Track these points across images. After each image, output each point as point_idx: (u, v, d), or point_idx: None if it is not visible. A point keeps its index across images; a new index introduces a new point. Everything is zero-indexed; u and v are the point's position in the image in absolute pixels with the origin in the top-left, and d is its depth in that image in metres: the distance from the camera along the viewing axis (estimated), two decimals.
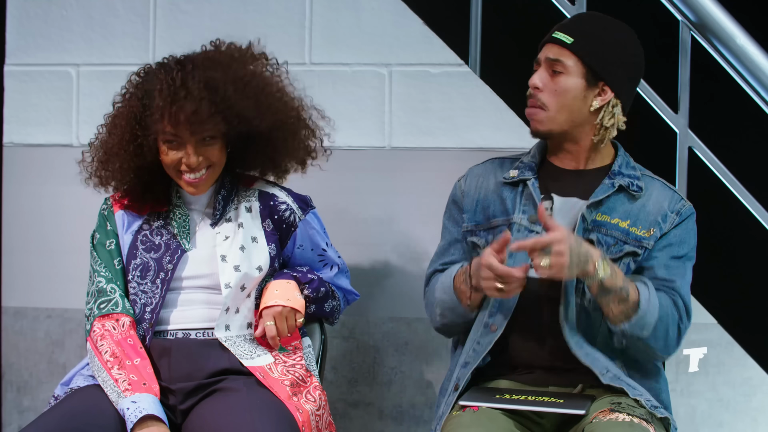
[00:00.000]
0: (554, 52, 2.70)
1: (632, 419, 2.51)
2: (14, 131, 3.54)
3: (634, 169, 2.76)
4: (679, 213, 2.73)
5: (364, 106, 3.41)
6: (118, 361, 2.68)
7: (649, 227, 2.70)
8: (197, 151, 2.73)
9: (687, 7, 3.28)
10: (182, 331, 2.78)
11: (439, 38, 3.41)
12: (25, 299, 3.53)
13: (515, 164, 2.80)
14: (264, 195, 2.88)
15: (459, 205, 2.83)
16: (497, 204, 2.77)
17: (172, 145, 2.73)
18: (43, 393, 3.51)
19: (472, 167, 2.86)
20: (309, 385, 2.76)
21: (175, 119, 2.67)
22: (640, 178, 2.74)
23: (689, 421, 3.25)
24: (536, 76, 2.72)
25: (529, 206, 2.73)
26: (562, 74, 2.70)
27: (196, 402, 2.72)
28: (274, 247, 2.85)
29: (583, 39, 2.71)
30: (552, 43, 2.72)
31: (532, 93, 2.71)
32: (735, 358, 3.27)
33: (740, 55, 3.26)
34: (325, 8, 3.44)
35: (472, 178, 2.84)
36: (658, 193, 2.74)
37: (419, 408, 3.39)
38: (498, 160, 2.85)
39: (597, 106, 2.71)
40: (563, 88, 2.70)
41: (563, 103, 2.70)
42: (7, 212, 3.54)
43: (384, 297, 3.36)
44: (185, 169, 2.75)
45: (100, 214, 2.88)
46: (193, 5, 3.48)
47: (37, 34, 3.53)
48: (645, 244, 2.70)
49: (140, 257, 2.80)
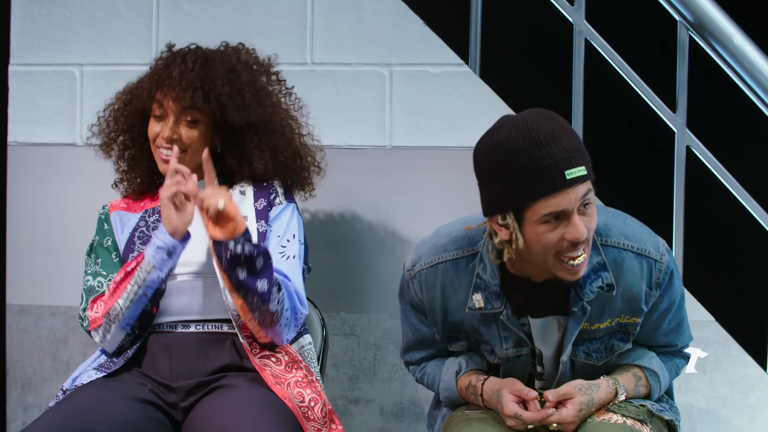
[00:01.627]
0: (582, 190, 2.35)
1: (625, 420, 2.52)
2: (18, 131, 3.55)
3: (597, 252, 2.50)
4: (659, 284, 2.54)
5: (365, 106, 3.42)
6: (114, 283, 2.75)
7: (632, 314, 2.55)
8: (175, 127, 2.80)
9: (685, 7, 3.27)
10: (182, 322, 2.80)
11: (440, 38, 3.40)
12: (29, 297, 3.53)
13: (472, 273, 2.54)
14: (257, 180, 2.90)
15: (422, 311, 2.64)
16: (472, 328, 2.60)
17: (157, 118, 2.82)
18: (47, 390, 3.52)
19: (421, 270, 2.59)
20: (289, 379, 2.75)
21: (162, 83, 2.78)
22: (606, 266, 2.50)
23: (687, 418, 3.24)
24: (581, 227, 2.34)
25: (509, 334, 2.56)
26: (591, 205, 2.39)
27: (198, 399, 2.73)
28: (263, 223, 2.84)
29: (584, 158, 2.39)
30: (572, 186, 2.33)
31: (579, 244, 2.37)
32: (732, 355, 3.27)
33: (738, 55, 3.25)
34: (326, 9, 3.44)
35: (427, 290, 2.59)
36: (631, 274, 2.52)
37: (420, 405, 3.40)
38: (449, 263, 2.57)
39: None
40: (595, 218, 2.41)
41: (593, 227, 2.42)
42: (12, 211, 3.55)
43: (384, 295, 3.36)
44: (160, 143, 2.81)
45: (98, 219, 2.93)
46: (196, 6, 3.49)
47: (41, 35, 3.54)
48: (632, 330, 2.58)
49: (137, 250, 2.83)
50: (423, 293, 2.61)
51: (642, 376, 2.61)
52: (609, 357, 2.62)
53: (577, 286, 2.50)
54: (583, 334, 2.57)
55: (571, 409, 2.51)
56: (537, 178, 2.33)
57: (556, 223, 2.36)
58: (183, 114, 2.81)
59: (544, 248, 2.38)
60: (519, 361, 2.62)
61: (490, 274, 2.53)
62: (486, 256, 2.53)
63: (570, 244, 2.37)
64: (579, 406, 2.51)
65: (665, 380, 2.64)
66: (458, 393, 2.66)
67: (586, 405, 2.52)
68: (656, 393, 2.63)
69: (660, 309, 2.60)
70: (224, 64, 2.84)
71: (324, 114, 3.38)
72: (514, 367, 2.63)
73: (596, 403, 2.54)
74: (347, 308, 3.28)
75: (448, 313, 2.61)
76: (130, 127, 2.90)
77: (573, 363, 2.62)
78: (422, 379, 2.77)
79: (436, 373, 2.71)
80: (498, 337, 2.58)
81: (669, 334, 2.66)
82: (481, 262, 2.54)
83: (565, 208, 2.34)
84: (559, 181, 2.32)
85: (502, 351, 2.59)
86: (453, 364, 2.67)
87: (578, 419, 2.52)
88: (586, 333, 2.57)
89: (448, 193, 3.30)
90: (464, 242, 2.58)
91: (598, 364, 2.62)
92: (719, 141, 3.33)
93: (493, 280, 2.52)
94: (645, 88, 3.32)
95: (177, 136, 2.80)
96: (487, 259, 2.53)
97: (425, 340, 2.70)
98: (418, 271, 2.60)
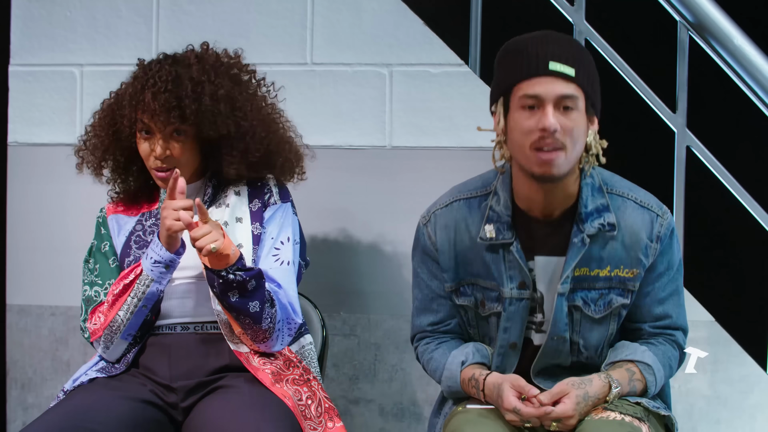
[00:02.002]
0: (562, 87, 2.44)
1: (623, 418, 2.51)
2: (19, 131, 3.55)
3: (601, 194, 2.59)
4: (659, 238, 2.59)
5: (365, 106, 3.42)
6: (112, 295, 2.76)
7: (631, 266, 2.59)
8: (165, 144, 2.78)
9: (685, 7, 3.27)
10: (181, 324, 2.80)
11: (440, 38, 3.40)
12: (29, 297, 3.54)
13: (484, 211, 2.62)
14: (252, 180, 2.90)
15: (434, 258, 2.68)
16: (480, 265, 2.63)
17: (145, 135, 2.81)
18: (47, 390, 3.52)
19: (436, 211, 2.67)
20: (287, 375, 2.75)
21: (141, 106, 2.76)
22: (609, 208, 2.57)
23: (687, 418, 3.25)
24: (550, 117, 2.43)
25: (514, 271, 2.60)
26: (573, 110, 2.46)
27: (198, 400, 2.73)
28: (259, 225, 2.84)
29: (581, 67, 2.48)
30: (552, 77, 2.45)
31: (549, 137, 2.44)
32: (732, 355, 3.27)
33: (738, 56, 3.25)
34: (326, 9, 3.44)
35: (441, 230, 2.66)
36: (633, 221, 2.58)
37: (420, 405, 3.40)
38: (463, 201, 2.65)
39: (590, 138, 2.54)
40: (578, 125, 2.47)
41: (577, 139, 2.48)
42: (12, 211, 3.55)
43: (385, 295, 3.36)
44: (155, 166, 2.80)
45: (96, 223, 2.93)
46: (196, 6, 3.49)
47: (41, 35, 3.54)
48: (630, 287, 2.60)
49: (133, 254, 2.83)
50: (436, 235, 2.66)
51: (636, 370, 2.61)
52: (607, 312, 2.61)
53: (579, 221, 2.55)
54: (583, 281, 2.59)
55: (569, 403, 2.51)
56: (522, 62, 2.46)
57: (533, 111, 2.46)
58: (167, 129, 2.79)
59: (520, 135, 2.47)
60: (520, 306, 2.61)
61: (503, 205, 2.59)
62: (500, 188, 2.60)
63: (541, 135, 2.44)
64: (576, 399, 2.51)
65: (660, 373, 2.62)
66: (460, 384, 2.66)
67: (582, 398, 2.52)
68: (652, 386, 2.61)
69: (657, 270, 2.62)
70: (191, 79, 2.79)
71: (324, 114, 3.38)
72: (515, 314, 2.62)
73: (591, 397, 2.54)
74: (347, 308, 3.28)
75: (459, 254, 2.64)
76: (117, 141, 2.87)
77: (571, 313, 2.61)
78: (428, 364, 2.74)
79: (441, 360, 2.70)
80: (504, 274, 2.61)
81: (665, 302, 2.65)
82: (495, 194, 2.61)
83: (540, 95, 2.44)
84: (542, 68, 2.44)
85: (506, 290, 2.60)
86: (460, 354, 2.67)
87: (577, 413, 2.52)
88: (586, 280, 2.59)
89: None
90: (478, 184, 2.67)
91: (596, 317, 2.62)
92: (719, 141, 3.33)
93: (506, 211, 2.59)
94: (645, 88, 3.32)
95: (169, 152, 2.79)
96: (501, 190, 2.60)
97: (434, 298, 2.70)
98: (433, 212, 2.68)
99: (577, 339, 2.64)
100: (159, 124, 2.77)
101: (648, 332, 2.67)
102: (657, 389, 2.64)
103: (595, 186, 2.58)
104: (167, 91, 2.75)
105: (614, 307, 2.63)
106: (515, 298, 2.62)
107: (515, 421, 2.53)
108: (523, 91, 2.46)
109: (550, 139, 2.45)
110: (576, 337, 2.64)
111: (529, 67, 2.46)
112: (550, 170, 2.47)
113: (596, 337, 2.64)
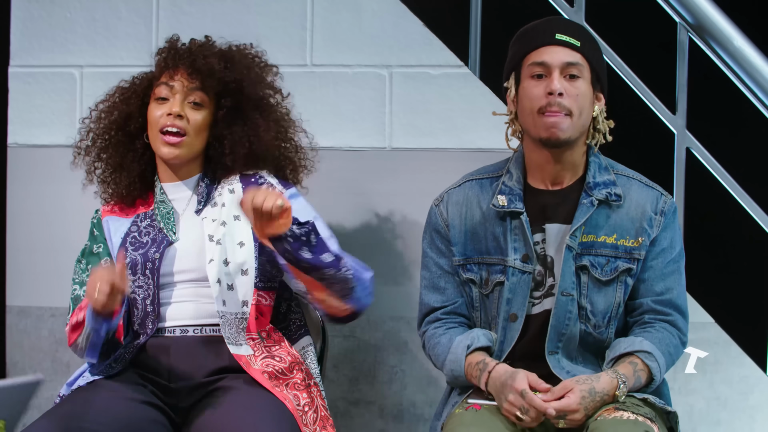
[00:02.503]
0: (568, 55, 2.64)
1: (637, 417, 2.52)
2: (18, 132, 3.55)
3: (608, 172, 2.72)
4: (663, 212, 2.70)
5: (365, 107, 3.42)
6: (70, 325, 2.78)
7: (636, 236, 2.68)
8: (183, 106, 2.81)
9: (685, 9, 3.27)
10: (180, 327, 2.79)
11: (439, 40, 3.40)
12: (29, 298, 3.53)
13: (497, 186, 2.74)
14: (246, 176, 2.90)
15: (444, 235, 2.77)
16: (489, 239, 2.73)
17: (162, 101, 2.83)
18: (46, 392, 3.48)
19: (449, 191, 2.80)
20: (289, 379, 2.75)
21: (168, 67, 2.83)
22: (616, 183, 2.70)
23: (687, 419, 3.25)
24: (556, 82, 2.63)
25: (519, 243, 2.69)
26: (579, 78, 2.65)
27: (197, 401, 2.73)
28: None
29: (587, 41, 2.68)
30: (559, 46, 2.65)
31: (555, 100, 2.62)
32: (732, 356, 3.27)
33: (738, 57, 3.26)
34: (326, 10, 3.44)
35: (453, 206, 2.77)
36: (638, 196, 2.71)
37: (420, 407, 3.40)
38: (475, 181, 2.78)
39: (597, 111, 2.71)
40: (583, 92, 2.65)
41: (583, 108, 2.65)
42: (12, 212, 3.55)
43: (385, 296, 3.35)
44: (166, 123, 2.80)
45: (90, 224, 2.93)
46: (196, 7, 3.49)
47: (41, 36, 3.54)
48: (636, 255, 2.68)
49: (129, 256, 2.83)
50: (448, 211, 2.77)
51: (638, 361, 2.62)
52: (614, 276, 2.67)
53: (588, 189, 2.67)
54: (590, 247, 2.67)
55: (573, 397, 2.53)
56: (532, 36, 2.68)
57: (540, 80, 2.64)
58: (190, 94, 2.83)
59: (529, 102, 2.65)
60: (522, 279, 2.67)
61: (515, 180, 2.72)
62: (512, 167, 2.74)
63: (548, 101, 2.61)
64: (581, 394, 2.53)
65: (661, 359, 2.64)
66: (464, 369, 2.66)
67: (588, 393, 2.54)
68: (657, 372, 2.62)
69: (661, 245, 2.70)
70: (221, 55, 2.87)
71: (324, 115, 3.38)
72: (517, 285, 2.67)
73: (599, 392, 2.55)
74: None
75: (469, 230, 2.74)
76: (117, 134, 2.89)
77: (578, 276, 2.66)
78: (433, 349, 2.75)
79: (447, 344, 2.71)
80: (509, 246, 2.68)
81: (667, 278, 2.69)
82: (508, 173, 2.75)
83: (546, 61, 2.64)
84: (548, 38, 2.64)
85: (510, 260, 2.68)
86: (465, 339, 2.69)
87: (583, 408, 2.53)
88: (593, 246, 2.67)
89: None
90: (490, 169, 2.80)
91: (603, 279, 2.67)
92: (719, 143, 3.34)
93: (518, 185, 2.71)
94: (645, 90, 3.33)
95: (183, 114, 2.81)
96: (514, 168, 2.74)
97: (442, 275, 2.77)
98: (446, 192, 2.80)
99: (585, 304, 2.67)
100: (183, 80, 2.82)
101: (650, 308, 2.70)
102: (662, 375, 2.66)
103: (601, 165, 2.72)
104: (197, 54, 2.84)
105: (620, 271, 2.68)
106: (518, 270, 2.67)
107: (512, 410, 2.54)
108: (531, 59, 2.66)
109: (556, 103, 2.61)
110: (584, 301, 2.67)
111: (536, 39, 2.66)
112: (557, 133, 2.62)
113: (603, 302, 2.68)
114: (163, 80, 2.84)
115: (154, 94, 2.85)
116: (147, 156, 2.90)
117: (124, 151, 2.89)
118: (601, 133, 2.73)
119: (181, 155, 2.83)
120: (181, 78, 2.83)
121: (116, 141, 2.89)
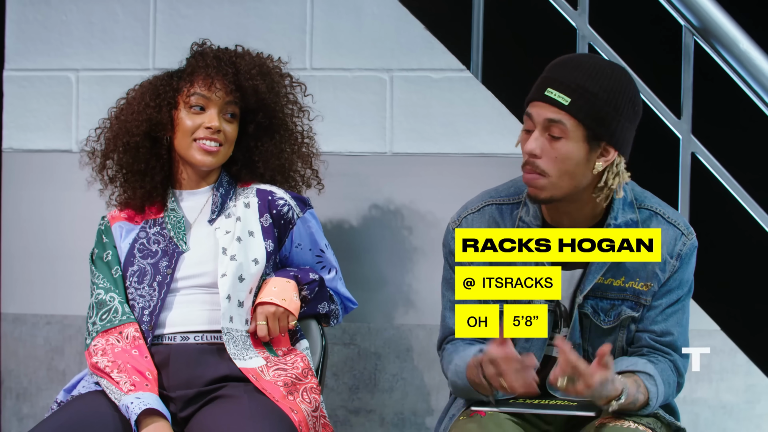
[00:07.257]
0: (551, 113, 2.48)
1: (638, 426, 2.50)
2: (14, 137, 3.53)
3: (632, 209, 2.61)
4: (679, 256, 2.61)
5: (366, 112, 3.41)
6: (117, 366, 2.70)
7: (647, 279, 2.60)
8: (220, 119, 2.84)
9: (690, 12, 3.27)
10: (181, 334, 2.79)
11: (441, 43, 3.40)
12: (24, 305, 3.52)
13: (515, 220, 2.64)
14: (262, 192, 2.91)
15: None
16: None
17: (197, 111, 2.83)
18: (42, 400, 3.50)
19: (467, 215, 2.69)
20: (305, 384, 2.76)
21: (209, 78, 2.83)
22: (638, 224, 2.59)
23: (693, 428, 3.24)
24: (532, 141, 2.49)
25: None
26: (561, 139, 2.49)
27: (197, 409, 2.72)
28: (270, 243, 2.86)
29: (580, 98, 2.49)
30: (546, 103, 2.49)
31: (530, 160, 2.50)
32: (738, 365, 3.27)
33: (743, 60, 3.26)
34: (326, 13, 3.43)
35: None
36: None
37: (421, 415, 3.39)
38: (495, 207, 2.67)
39: (601, 168, 2.52)
40: (564, 154, 2.49)
41: (565, 170, 2.50)
42: (7, 218, 3.54)
43: (385, 304, 3.36)
44: (205, 135, 2.82)
45: (97, 230, 2.92)
46: (194, 10, 3.48)
47: (37, 39, 3.52)
48: (643, 301, 2.61)
49: (137, 264, 2.83)
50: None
51: (640, 383, 2.57)
52: (616, 323, 2.62)
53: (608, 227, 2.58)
54: (596, 290, 2.60)
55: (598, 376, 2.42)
56: (535, 85, 2.54)
57: (528, 135, 2.52)
58: (227, 107, 2.85)
59: (523, 152, 2.55)
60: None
61: (532, 216, 2.62)
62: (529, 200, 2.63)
63: (526, 158, 2.52)
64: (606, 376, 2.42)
65: (660, 387, 2.59)
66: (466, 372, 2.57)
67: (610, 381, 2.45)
68: (654, 398, 2.57)
69: (669, 286, 2.61)
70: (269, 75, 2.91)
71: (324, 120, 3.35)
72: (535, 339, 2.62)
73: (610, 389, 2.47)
74: (347, 317, 3.25)
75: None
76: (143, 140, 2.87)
77: (581, 320, 2.62)
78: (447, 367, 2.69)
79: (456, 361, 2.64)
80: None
81: (668, 319, 2.63)
82: (525, 206, 2.64)
83: (532, 116, 2.52)
84: (538, 93, 2.51)
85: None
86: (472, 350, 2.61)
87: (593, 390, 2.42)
88: (599, 288, 2.60)
89: (450, 200, 3.26)
90: (511, 191, 2.69)
91: (604, 327, 2.62)
92: (724, 147, 3.34)
93: (534, 221, 2.62)
94: (649, 94, 3.33)
95: (222, 129, 2.84)
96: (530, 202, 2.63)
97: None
98: (464, 217, 2.68)
99: (587, 347, 2.64)
100: (222, 92, 2.83)
101: (649, 344, 2.65)
102: (657, 404, 2.59)
103: (626, 201, 2.61)
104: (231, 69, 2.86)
105: (623, 319, 2.63)
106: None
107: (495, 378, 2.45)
108: (526, 109, 2.54)
109: (531, 163, 2.51)
110: (586, 345, 2.64)
111: (533, 90, 2.54)
112: (535, 191, 2.53)
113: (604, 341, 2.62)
114: (200, 90, 2.84)
115: (188, 101, 2.85)
116: (170, 162, 2.90)
117: (148, 156, 2.87)
118: (611, 190, 2.56)
119: (215, 163, 2.86)
120: (221, 90, 2.83)
121: (142, 146, 2.87)
